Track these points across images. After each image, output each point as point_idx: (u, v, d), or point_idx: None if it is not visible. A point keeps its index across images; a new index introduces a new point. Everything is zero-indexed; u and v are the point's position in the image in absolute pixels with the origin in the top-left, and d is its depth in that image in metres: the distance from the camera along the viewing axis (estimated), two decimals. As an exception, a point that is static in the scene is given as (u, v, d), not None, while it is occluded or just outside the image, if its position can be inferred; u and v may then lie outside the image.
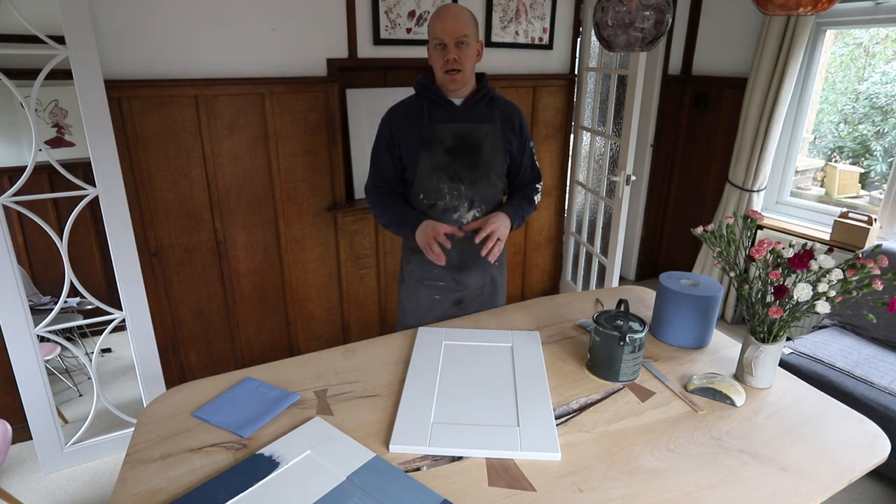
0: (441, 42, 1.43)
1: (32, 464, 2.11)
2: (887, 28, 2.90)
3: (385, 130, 1.57)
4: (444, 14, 1.43)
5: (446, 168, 1.53)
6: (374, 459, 1.00)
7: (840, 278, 1.11)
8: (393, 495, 0.92)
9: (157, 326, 2.28)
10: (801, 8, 1.17)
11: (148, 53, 2.09)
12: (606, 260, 2.97)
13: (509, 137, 1.59)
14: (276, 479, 0.96)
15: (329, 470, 0.97)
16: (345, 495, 0.92)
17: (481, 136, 1.54)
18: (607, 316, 1.29)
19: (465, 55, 1.44)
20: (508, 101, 1.63)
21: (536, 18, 2.86)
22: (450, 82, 1.47)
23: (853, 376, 2.07)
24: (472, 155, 1.54)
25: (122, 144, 2.08)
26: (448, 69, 1.44)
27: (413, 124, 1.53)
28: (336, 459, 1.00)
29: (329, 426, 1.09)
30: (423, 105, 1.54)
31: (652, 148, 3.59)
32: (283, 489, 0.93)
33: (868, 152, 3.20)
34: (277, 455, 1.01)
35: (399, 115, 1.56)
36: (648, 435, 1.09)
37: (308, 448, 1.02)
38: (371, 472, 0.97)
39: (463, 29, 1.42)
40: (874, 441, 1.09)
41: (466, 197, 1.56)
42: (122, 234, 1.98)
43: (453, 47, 1.42)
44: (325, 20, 2.37)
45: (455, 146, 1.52)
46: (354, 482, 0.94)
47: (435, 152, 1.52)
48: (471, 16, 1.46)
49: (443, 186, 1.54)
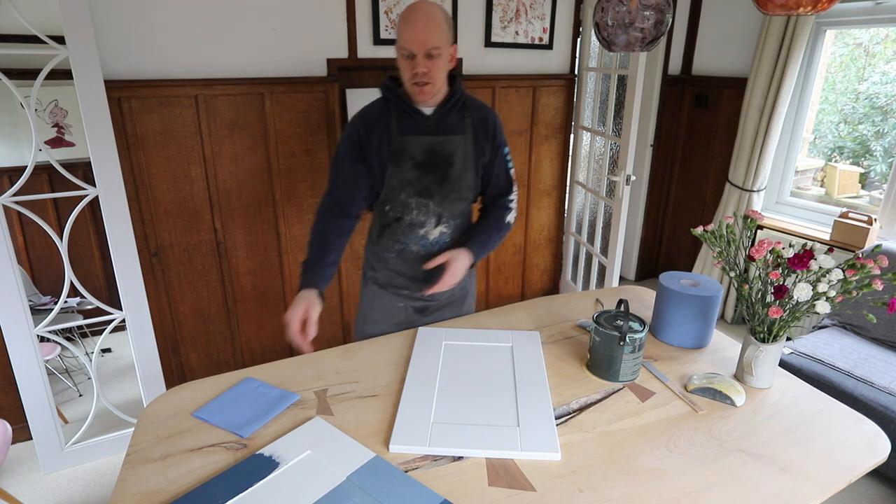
0: (409, 53, 1.27)
1: (32, 464, 2.11)
2: (887, 28, 2.89)
3: (354, 138, 1.42)
4: (412, 21, 1.26)
5: (415, 183, 1.42)
6: (374, 459, 1.00)
7: (840, 278, 1.11)
8: (393, 495, 0.92)
9: (157, 326, 2.28)
10: (801, 8, 1.16)
11: (148, 53, 2.09)
12: (606, 260, 2.97)
13: (482, 147, 1.46)
14: (276, 479, 0.96)
15: (329, 470, 0.97)
16: (345, 495, 0.92)
17: (452, 149, 1.41)
18: (607, 316, 1.29)
19: (435, 67, 1.30)
20: (482, 105, 1.50)
21: (536, 18, 2.86)
22: (418, 94, 1.33)
23: (853, 376, 2.07)
24: (443, 170, 1.42)
25: (122, 144, 2.09)
26: (416, 82, 1.30)
27: (381, 134, 1.40)
28: (336, 459, 1.00)
29: (329, 426, 1.09)
30: (391, 112, 1.41)
31: (652, 148, 3.58)
32: (283, 489, 0.93)
33: (868, 152, 3.20)
34: (277, 455, 1.01)
35: (367, 122, 1.42)
36: (648, 435, 1.09)
37: (308, 448, 1.02)
38: (371, 472, 0.97)
39: (434, 39, 1.26)
40: (874, 441, 1.09)
41: (434, 213, 1.46)
42: (122, 234, 1.98)
43: (423, 59, 1.27)
44: (325, 20, 2.37)
45: (425, 160, 1.40)
46: (354, 482, 0.94)
47: (404, 167, 1.40)
48: (444, 18, 1.29)
49: (410, 201, 1.44)
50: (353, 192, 1.45)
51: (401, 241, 1.50)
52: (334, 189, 1.46)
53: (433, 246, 1.51)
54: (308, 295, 1.31)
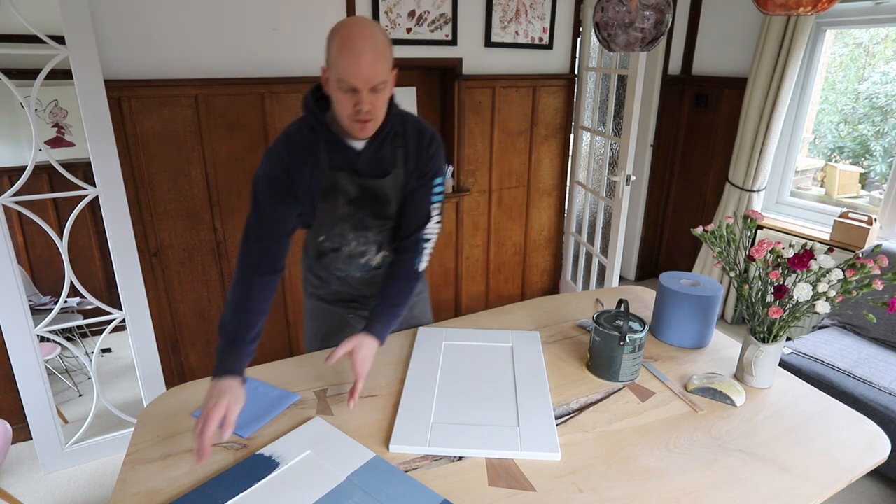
0: (351, 87, 1.07)
1: (32, 464, 2.11)
2: (887, 28, 2.89)
3: (277, 172, 1.21)
4: (356, 52, 1.05)
5: (349, 219, 1.29)
6: (374, 459, 1.00)
7: (840, 278, 1.11)
8: (393, 495, 0.92)
9: (157, 326, 2.28)
10: (801, 8, 1.17)
11: (148, 53, 2.09)
12: (606, 260, 2.97)
13: (412, 175, 1.29)
14: (276, 479, 0.96)
15: (329, 470, 0.97)
16: (345, 495, 0.92)
17: (387, 188, 1.27)
18: (607, 316, 1.29)
19: (380, 101, 1.12)
20: (421, 131, 1.29)
21: (536, 18, 2.86)
22: (359, 131, 1.15)
23: (853, 376, 2.07)
24: (378, 205, 1.28)
25: (122, 144, 2.08)
26: (358, 119, 1.12)
27: (312, 168, 1.22)
28: (336, 459, 1.00)
29: (329, 426, 1.09)
30: (318, 142, 1.21)
31: (652, 148, 3.58)
32: (284, 489, 0.93)
33: (868, 152, 3.20)
34: (277, 455, 1.01)
35: (296, 155, 1.22)
36: (648, 435, 1.09)
37: (308, 448, 1.02)
38: (371, 472, 0.97)
39: (381, 73, 1.08)
40: (874, 441, 1.09)
41: (374, 242, 1.36)
42: (122, 234, 1.98)
43: (367, 94, 1.08)
44: (325, 20, 2.37)
45: (359, 197, 1.26)
46: (354, 482, 0.95)
47: (336, 203, 1.26)
48: (387, 45, 1.11)
49: (347, 234, 1.32)
50: (283, 237, 1.25)
51: (341, 270, 1.40)
52: (261, 238, 1.22)
53: (378, 269, 1.41)
54: (228, 386, 1.04)
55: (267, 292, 1.22)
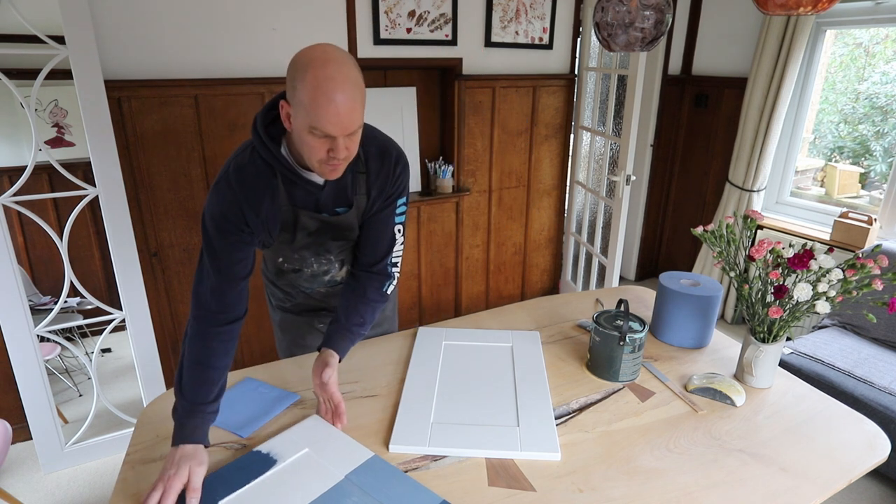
0: (325, 134, 0.96)
1: (32, 464, 2.11)
2: (887, 28, 2.89)
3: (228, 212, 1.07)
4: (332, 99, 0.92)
5: (310, 247, 1.25)
6: (372, 459, 1.00)
7: (840, 278, 1.11)
8: (392, 495, 0.92)
9: (157, 326, 2.28)
10: (801, 8, 1.16)
11: (148, 53, 2.09)
12: (606, 260, 2.97)
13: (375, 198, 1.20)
14: (273, 476, 0.96)
15: (327, 468, 0.97)
16: (343, 494, 0.92)
17: (350, 219, 1.20)
18: (607, 316, 1.29)
19: (355, 143, 1.02)
20: (383, 151, 1.19)
21: (536, 18, 2.86)
22: (329, 173, 1.03)
23: (853, 376, 2.07)
24: (340, 232, 1.22)
25: (122, 144, 2.08)
26: (333, 163, 1.01)
27: (267, 201, 1.11)
28: (334, 458, 1.00)
29: (327, 424, 1.09)
30: (275, 177, 1.11)
31: (652, 148, 3.58)
32: (281, 487, 0.94)
33: (868, 152, 3.20)
34: (275, 452, 1.01)
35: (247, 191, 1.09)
36: (648, 435, 1.09)
37: (306, 446, 1.03)
38: (370, 472, 0.97)
39: (358, 119, 0.98)
40: (874, 441, 1.09)
41: (337, 261, 1.32)
42: (122, 234, 1.98)
43: (343, 139, 0.97)
44: (325, 20, 2.37)
45: (320, 229, 1.19)
46: (353, 481, 0.95)
47: (297, 236, 1.19)
48: (362, 83, 0.98)
49: (309, 259, 1.29)
50: (242, 280, 1.12)
51: (305, 287, 1.38)
52: (216, 284, 1.09)
53: (341, 282, 1.38)
54: (191, 452, 0.95)
55: (228, 344, 1.10)
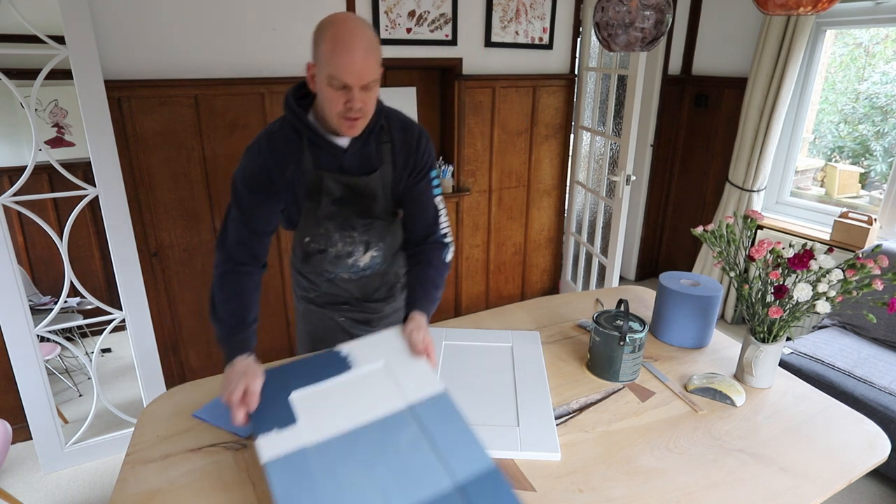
0: (343, 85, 1.07)
1: (32, 464, 2.11)
2: (887, 28, 2.90)
3: (258, 172, 1.19)
4: (349, 48, 1.05)
5: (334, 218, 1.28)
6: (440, 395, 0.98)
7: (840, 278, 1.11)
8: (446, 441, 0.89)
9: (157, 326, 2.28)
10: (801, 8, 1.17)
11: (148, 53, 2.09)
12: (606, 260, 2.97)
13: (401, 171, 1.28)
14: (344, 381, 0.99)
15: (394, 391, 0.98)
16: (401, 424, 0.92)
17: (374, 185, 1.25)
18: (607, 316, 1.29)
19: (371, 99, 1.12)
20: (407, 125, 1.28)
21: (536, 18, 2.86)
22: (348, 129, 1.13)
23: (853, 376, 2.07)
24: (365, 204, 1.27)
25: (122, 144, 2.08)
26: (349, 117, 1.11)
27: (294, 167, 1.20)
28: (405, 381, 1.00)
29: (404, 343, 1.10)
30: (302, 141, 1.20)
31: (652, 148, 3.59)
32: (347, 396, 0.96)
33: (868, 152, 3.20)
34: (352, 358, 1.04)
35: (278, 154, 1.19)
36: (648, 435, 1.09)
37: (383, 358, 1.04)
38: (434, 408, 0.95)
39: (373, 71, 1.08)
40: (874, 441, 1.09)
41: (361, 241, 1.34)
42: (122, 234, 1.98)
43: (359, 92, 1.07)
44: (325, 20, 2.37)
45: (345, 196, 1.25)
46: (415, 413, 0.94)
47: (322, 203, 1.24)
48: (378, 43, 1.10)
49: (333, 235, 1.31)
50: (265, 235, 1.25)
51: (328, 272, 1.39)
52: (242, 236, 1.21)
53: (366, 271, 1.39)
54: (243, 366, 1.05)
55: (254, 284, 1.22)
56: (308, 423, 0.93)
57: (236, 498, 0.92)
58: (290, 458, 0.87)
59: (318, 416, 0.94)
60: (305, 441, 0.90)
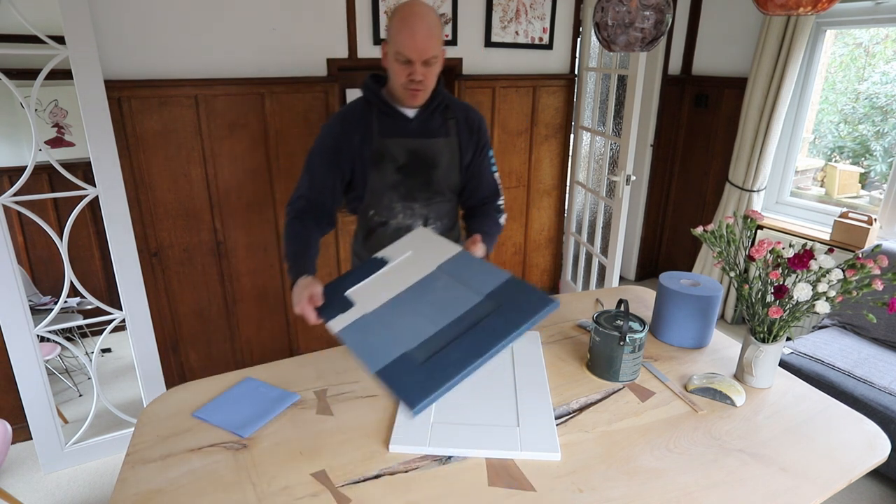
0: (407, 59, 1.26)
1: (32, 464, 2.11)
2: (887, 28, 2.90)
3: (329, 141, 1.39)
4: (413, 28, 1.24)
5: (398, 187, 1.41)
6: (461, 253, 1.22)
7: (840, 278, 1.11)
8: (470, 274, 1.14)
9: (157, 326, 2.28)
10: (801, 8, 1.17)
11: (148, 53, 2.09)
12: (606, 260, 2.97)
13: (466, 147, 1.45)
14: (385, 272, 1.24)
15: (425, 262, 1.22)
16: (434, 279, 1.17)
17: (436, 152, 1.40)
18: (607, 316, 1.29)
19: (431, 73, 1.31)
20: (466, 106, 1.48)
21: (536, 18, 2.86)
22: (410, 98, 1.33)
23: (853, 376, 2.07)
24: (427, 172, 1.41)
25: (122, 144, 2.08)
26: (411, 88, 1.31)
27: (362, 137, 1.37)
28: (431, 255, 1.24)
29: (429, 234, 1.33)
30: (371, 112, 1.38)
31: (652, 148, 3.58)
32: (389, 279, 1.21)
33: (868, 152, 3.20)
34: (387, 256, 1.29)
35: (346, 124, 1.39)
36: (648, 435, 1.09)
37: (410, 250, 1.28)
38: (457, 263, 1.20)
39: (433, 48, 1.27)
40: (874, 441, 1.09)
41: (420, 215, 1.46)
42: (122, 234, 1.98)
43: (420, 66, 1.27)
44: (325, 20, 2.37)
45: (408, 163, 1.39)
46: (443, 269, 1.19)
47: (386, 170, 1.39)
48: (439, 24, 1.30)
49: (395, 205, 1.44)
50: (328, 196, 1.41)
51: None
52: (309, 192, 1.41)
53: None
54: (305, 282, 1.24)
55: (319, 230, 1.41)
56: (362, 303, 1.17)
57: (236, 498, 0.92)
58: (354, 325, 1.12)
59: (369, 297, 1.18)
60: (363, 312, 1.14)
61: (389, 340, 1.04)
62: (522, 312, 1.00)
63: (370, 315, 1.13)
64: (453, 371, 0.93)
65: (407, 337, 1.04)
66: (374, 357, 1.02)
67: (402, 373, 0.97)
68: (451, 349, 0.98)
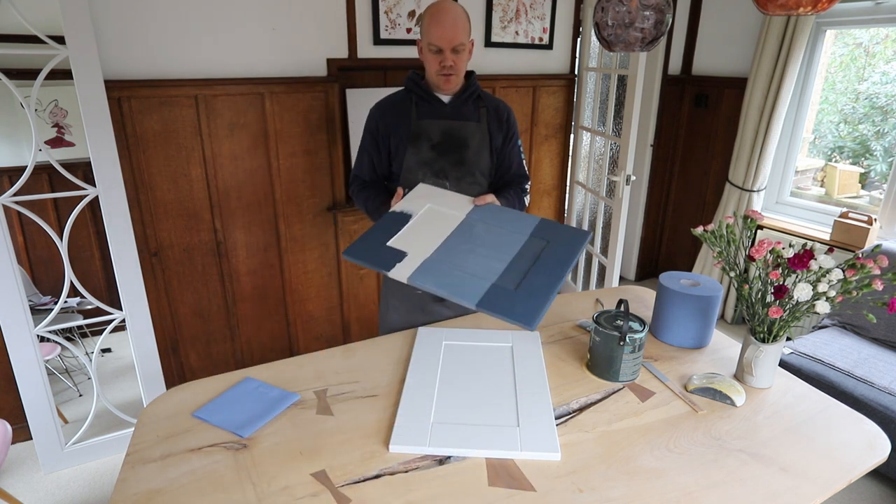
0: (437, 48, 1.45)
1: (32, 464, 2.11)
2: (887, 28, 2.90)
3: (372, 123, 1.60)
4: (441, 20, 1.43)
5: (431, 164, 1.56)
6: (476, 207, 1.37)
7: (840, 278, 1.11)
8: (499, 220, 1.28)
9: (157, 326, 2.28)
10: (801, 8, 1.16)
11: (148, 53, 2.09)
12: (606, 260, 2.97)
13: (496, 134, 1.61)
14: (413, 225, 1.32)
15: (450, 213, 1.34)
16: (470, 224, 1.31)
17: (468, 133, 1.56)
18: (607, 316, 1.29)
19: (460, 60, 1.49)
20: (497, 99, 1.66)
21: (536, 18, 2.86)
22: (444, 83, 1.51)
23: (853, 376, 2.07)
24: (459, 152, 1.56)
25: (122, 144, 2.08)
26: (443, 73, 1.49)
27: (401, 119, 1.56)
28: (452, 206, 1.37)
29: (433, 188, 1.46)
30: (411, 100, 1.57)
31: (652, 148, 3.59)
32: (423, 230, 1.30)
33: (868, 152, 3.20)
34: (406, 209, 1.38)
35: (387, 108, 1.59)
36: (648, 435, 1.09)
37: (427, 203, 1.39)
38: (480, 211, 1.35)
39: (460, 37, 1.44)
40: (874, 441, 1.09)
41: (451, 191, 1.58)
42: (122, 234, 1.98)
43: (450, 53, 1.45)
44: (325, 20, 2.37)
45: (441, 142, 1.55)
46: (473, 216, 1.33)
47: (421, 148, 1.55)
48: (466, 17, 1.47)
49: (427, 182, 1.55)
50: (379, 166, 1.64)
51: None
52: (364, 164, 1.65)
53: None
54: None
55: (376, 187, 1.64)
56: (414, 251, 1.26)
57: (236, 498, 0.92)
58: (420, 269, 1.21)
59: (417, 245, 1.27)
60: (422, 257, 1.24)
61: (468, 277, 1.16)
62: (570, 244, 1.25)
63: (430, 259, 1.23)
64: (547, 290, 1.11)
65: (483, 272, 1.18)
66: (465, 293, 1.14)
67: (501, 300, 1.12)
68: (532, 277, 1.16)
